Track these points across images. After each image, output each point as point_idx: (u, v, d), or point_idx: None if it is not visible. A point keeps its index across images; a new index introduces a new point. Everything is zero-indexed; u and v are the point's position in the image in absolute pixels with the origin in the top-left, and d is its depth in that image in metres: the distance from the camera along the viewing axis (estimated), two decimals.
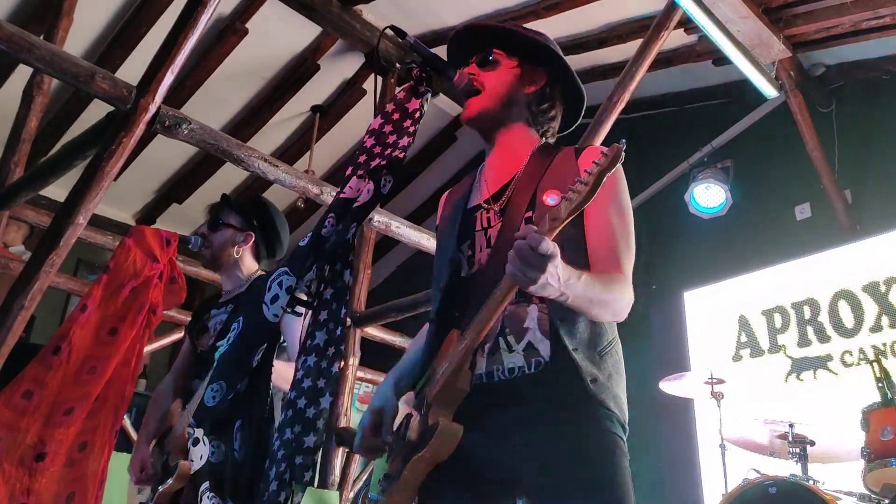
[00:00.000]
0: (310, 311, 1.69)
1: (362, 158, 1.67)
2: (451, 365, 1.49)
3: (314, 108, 6.22)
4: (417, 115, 1.68)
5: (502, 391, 1.53)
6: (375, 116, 1.71)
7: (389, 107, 1.72)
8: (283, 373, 2.13)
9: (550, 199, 1.56)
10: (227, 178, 6.44)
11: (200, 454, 1.84)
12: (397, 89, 1.72)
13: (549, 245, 1.28)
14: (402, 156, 1.67)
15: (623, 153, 1.29)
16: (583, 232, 1.59)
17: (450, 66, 1.68)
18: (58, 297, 6.23)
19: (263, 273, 2.64)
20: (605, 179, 1.29)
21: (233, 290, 2.67)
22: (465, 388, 1.49)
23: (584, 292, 1.41)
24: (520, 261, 1.29)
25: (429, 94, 1.70)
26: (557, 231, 1.32)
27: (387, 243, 7.17)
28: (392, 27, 1.68)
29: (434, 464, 1.48)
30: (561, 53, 1.75)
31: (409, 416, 1.62)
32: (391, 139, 1.67)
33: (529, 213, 1.57)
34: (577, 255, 1.54)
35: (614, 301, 1.51)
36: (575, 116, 1.84)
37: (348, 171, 1.67)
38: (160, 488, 2.44)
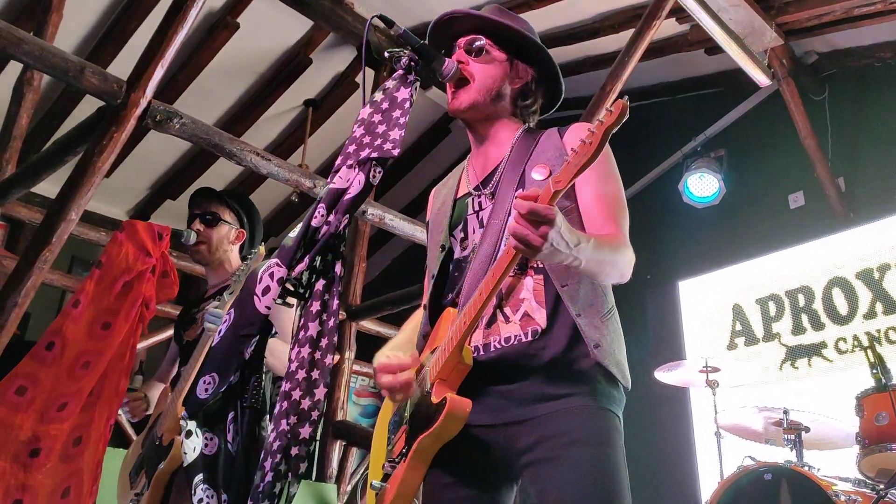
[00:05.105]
0: (302, 303, 1.69)
1: (352, 148, 1.66)
2: (453, 341, 1.48)
3: (307, 102, 6.20)
4: (407, 104, 1.68)
5: (498, 365, 1.52)
6: (364, 106, 1.71)
7: (378, 96, 1.72)
8: (273, 348, 2.16)
9: (537, 173, 1.57)
10: (221, 174, 6.42)
11: (193, 446, 1.83)
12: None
13: (550, 209, 1.26)
14: (394, 151, 1.66)
15: (628, 109, 1.24)
16: (576, 203, 1.61)
17: (438, 55, 1.68)
18: (53, 294, 6.21)
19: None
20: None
21: (218, 283, 2.70)
22: (468, 363, 1.48)
23: (595, 255, 1.41)
24: (522, 228, 1.27)
25: (417, 84, 1.69)
26: (561, 195, 1.29)
27: (381, 237, 7.17)
28: (380, 16, 1.67)
29: (443, 441, 1.46)
30: (545, 48, 1.76)
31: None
32: (381, 129, 1.66)
33: (520, 192, 1.56)
34: (574, 224, 1.54)
35: (621, 261, 1.51)
36: (551, 105, 1.85)
37: (338, 161, 1.67)
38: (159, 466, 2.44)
